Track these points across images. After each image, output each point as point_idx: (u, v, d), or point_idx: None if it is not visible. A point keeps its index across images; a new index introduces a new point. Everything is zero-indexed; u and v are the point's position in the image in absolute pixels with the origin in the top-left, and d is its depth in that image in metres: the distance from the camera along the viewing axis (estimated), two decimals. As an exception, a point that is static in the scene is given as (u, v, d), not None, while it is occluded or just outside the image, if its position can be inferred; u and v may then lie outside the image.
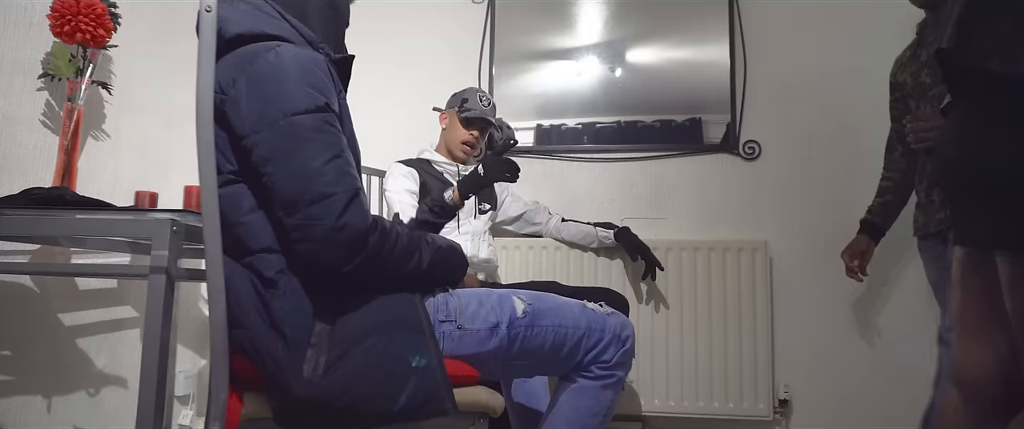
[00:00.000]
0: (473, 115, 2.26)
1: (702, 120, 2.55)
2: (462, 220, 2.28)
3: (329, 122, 1.06)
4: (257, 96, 1.03)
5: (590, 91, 2.57)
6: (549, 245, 2.54)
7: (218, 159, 1.05)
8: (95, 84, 2.14)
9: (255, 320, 1.04)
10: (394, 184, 2.21)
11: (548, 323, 1.24)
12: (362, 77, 2.85)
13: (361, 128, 2.75)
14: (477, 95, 2.30)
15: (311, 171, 1.02)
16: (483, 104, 2.29)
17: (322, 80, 1.08)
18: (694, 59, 2.56)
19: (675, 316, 2.47)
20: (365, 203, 1.06)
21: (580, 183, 2.68)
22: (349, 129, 1.15)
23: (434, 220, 1.88)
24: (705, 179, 2.60)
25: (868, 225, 2.14)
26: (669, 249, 2.49)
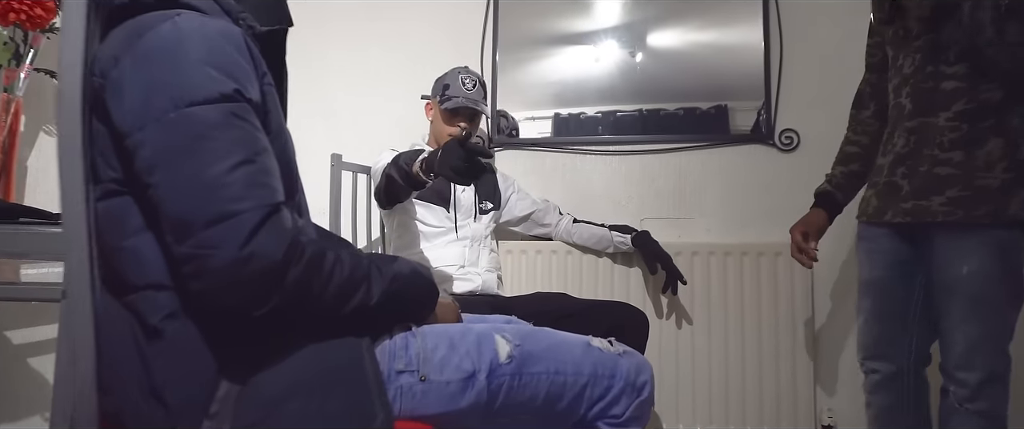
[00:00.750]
0: (455, 105, 1.98)
1: (729, 108, 2.31)
2: (460, 223, 2.02)
3: (239, 115, 0.79)
4: (143, 80, 0.77)
5: (609, 78, 2.34)
6: (559, 249, 2.26)
7: (97, 163, 0.80)
8: (40, 72, 1.91)
9: (127, 383, 0.78)
10: (384, 161, 1.89)
11: (541, 369, 0.96)
12: (349, 67, 2.60)
13: (348, 122, 2.53)
14: (459, 78, 2.01)
15: (209, 181, 0.75)
16: (467, 88, 2.00)
17: (233, 60, 0.81)
18: (721, 42, 2.31)
19: (702, 331, 2.18)
20: (287, 222, 0.79)
21: (595, 178, 2.40)
22: (276, 123, 0.88)
23: (398, 180, 1.64)
24: (736, 173, 2.30)
25: (826, 198, 1.74)
26: (695, 253, 2.20)
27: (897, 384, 1.59)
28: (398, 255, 1.39)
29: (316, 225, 1.09)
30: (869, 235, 1.62)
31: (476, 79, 2.04)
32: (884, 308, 1.59)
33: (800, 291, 2.12)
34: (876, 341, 1.60)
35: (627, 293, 2.21)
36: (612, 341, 1.06)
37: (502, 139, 2.44)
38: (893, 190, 1.53)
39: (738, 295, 2.16)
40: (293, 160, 0.92)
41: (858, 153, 1.72)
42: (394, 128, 2.38)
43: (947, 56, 1.47)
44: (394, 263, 0.94)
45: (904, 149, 1.52)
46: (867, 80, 1.73)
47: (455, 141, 1.43)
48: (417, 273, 0.97)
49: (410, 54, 2.50)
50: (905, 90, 1.54)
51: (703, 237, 2.29)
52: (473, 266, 2.00)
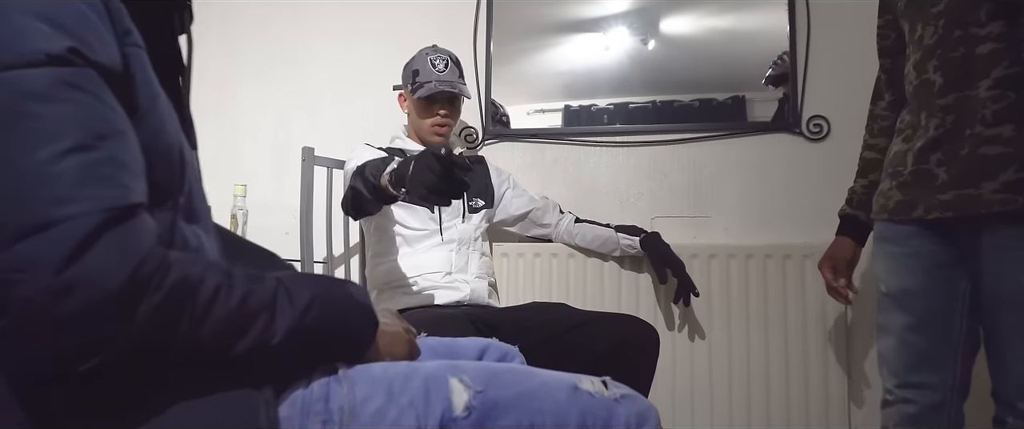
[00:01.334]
0: (429, 92, 1.75)
1: (746, 99, 2.10)
2: (445, 224, 1.79)
3: (77, 83, 0.57)
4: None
5: (620, 67, 2.14)
6: (560, 252, 2.02)
7: None
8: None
9: None
10: (361, 157, 1.68)
11: (511, 423, 0.73)
12: (333, 57, 2.35)
13: (326, 118, 2.30)
14: (429, 61, 1.78)
15: (25, 173, 0.53)
16: (439, 70, 1.77)
17: (74, 9, 0.59)
18: (739, 28, 2.09)
19: (721, 345, 1.93)
20: (141, 234, 0.57)
21: (600, 173, 2.16)
22: (147, 96, 0.66)
23: (365, 193, 1.42)
24: (758, 166, 2.05)
25: (849, 222, 1.51)
26: (713, 256, 1.95)
27: (935, 418, 1.31)
28: (330, 275, 1.16)
29: (236, 236, 0.87)
30: (893, 235, 1.35)
31: (447, 57, 1.81)
32: (923, 325, 1.31)
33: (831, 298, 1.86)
34: (913, 366, 1.33)
35: (636, 302, 1.97)
36: (606, 382, 0.83)
37: (497, 129, 2.21)
38: (925, 180, 1.27)
39: (761, 303, 1.92)
40: (176, 146, 0.69)
41: (877, 160, 1.47)
42: (380, 121, 2.16)
43: (977, 15, 1.22)
44: (314, 285, 0.71)
45: (938, 131, 1.25)
46: (881, 67, 1.49)
47: (429, 153, 1.17)
48: (348, 297, 0.74)
49: (395, 40, 2.28)
50: (931, 63, 1.28)
51: (721, 238, 2.04)
52: (461, 272, 1.77)
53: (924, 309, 1.31)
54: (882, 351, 1.38)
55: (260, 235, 2.26)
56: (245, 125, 2.40)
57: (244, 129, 2.40)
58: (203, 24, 2.38)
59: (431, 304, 1.69)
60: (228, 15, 2.44)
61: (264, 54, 2.41)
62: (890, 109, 1.46)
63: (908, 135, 1.33)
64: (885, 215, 1.35)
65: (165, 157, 0.66)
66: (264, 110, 2.39)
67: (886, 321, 1.37)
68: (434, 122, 1.79)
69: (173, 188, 0.68)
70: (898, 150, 1.35)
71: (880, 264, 1.39)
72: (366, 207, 1.52)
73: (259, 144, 2.38)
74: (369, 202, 1.46)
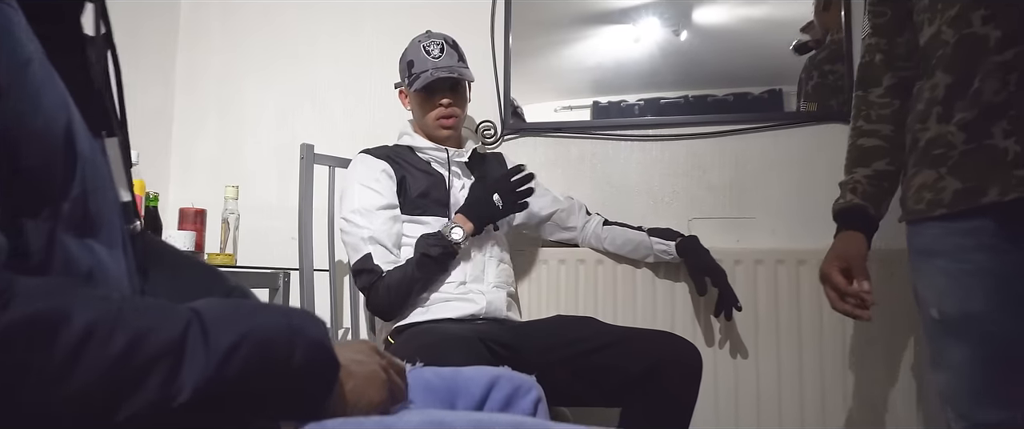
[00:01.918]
0: (426, 81, 1.58)
1: (783, 92, 1.93)
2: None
3: None
4: None
5: (650, 60, 1.98)
6: (587, 258, 1.82)
7: None
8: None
9: None
10: (361, 199, 1.53)
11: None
12: (339, 52, 2.18)
13: (333, 115, 2.05)
14: (421, 47, 1.62)
15: None
16: (434, 56, 1.60)
17: None
18: (776, 16, 1.91)
19: (769, 361, 1.72)
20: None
21: (631, 170, 1.96)
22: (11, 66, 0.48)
23: (435, 270, 1.49)
24: (808, 160, 1.84)
25: (856, 214, 1.26)
26: (759, 262, 1.74)
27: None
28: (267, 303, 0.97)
29: (172, 250, 0.69)
30: (944, 245, 1.11)
31: (442, 41, 1.63)
32: (995, 354, 1.07)
33: (899, 308, 1.63)
34: (985, 403, 1.09)
35: (672, 314, 1.77)
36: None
37: (517, 124, 2.02)
38: (990, 157, 1.04)
39: (815, 315, 1.70)
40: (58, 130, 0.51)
41: (880, 147, 1.25)
42: (385, 117, 2.00)
43: None
44: (245, 319, 0.52)
45: (1000, 96, 1.03)
46: (875, 47, 1.27)
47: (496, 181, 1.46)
48: (294, 331, 0.55)
49: (406, 32, 2.10)
50: (978, 14, 1.06)
51: (768, 241, 1.83)
52: (477, 282, 1.58)
53: (993, 335, 1.07)
54: (941, 387, 1.15)
55: (262, 240, 2.14)
56: (248, 122, 2.25)
57: (247, 126, 2.25)
58: (205, 18, 2.23)
59: (443, 318, 1.50)
60: (230, 8, 2.29)
61: (267, 48, 2.25)
62: (890, 94, 1.25)
63: (945, 111, 1.10)
64: (941, 210, 1.10)
65: (37, 143, 0.48)
66: (267, 106, 2.24)
67: (943, 352, 1.13)
68: (438, 114, 1.60)
69: (53, 189, 0.50)
70: (937, 133, 1.11)
71: (927, 282, 1.15)
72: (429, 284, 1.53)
73: (261, 142, 2.23)
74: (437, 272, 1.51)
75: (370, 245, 1.48)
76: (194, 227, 1.75)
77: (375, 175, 1.57)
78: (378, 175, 1.57)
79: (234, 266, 1.60)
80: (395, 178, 1.58)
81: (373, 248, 1.48)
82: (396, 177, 1.58)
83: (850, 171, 1.29)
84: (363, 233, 1.49)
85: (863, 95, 1.29)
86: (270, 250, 2.01)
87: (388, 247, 1.50)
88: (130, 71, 2.08)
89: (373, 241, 1.48)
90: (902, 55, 1.23)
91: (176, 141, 2.30)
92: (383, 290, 1.45)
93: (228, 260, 1.58)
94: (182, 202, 1.91)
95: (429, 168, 1.64)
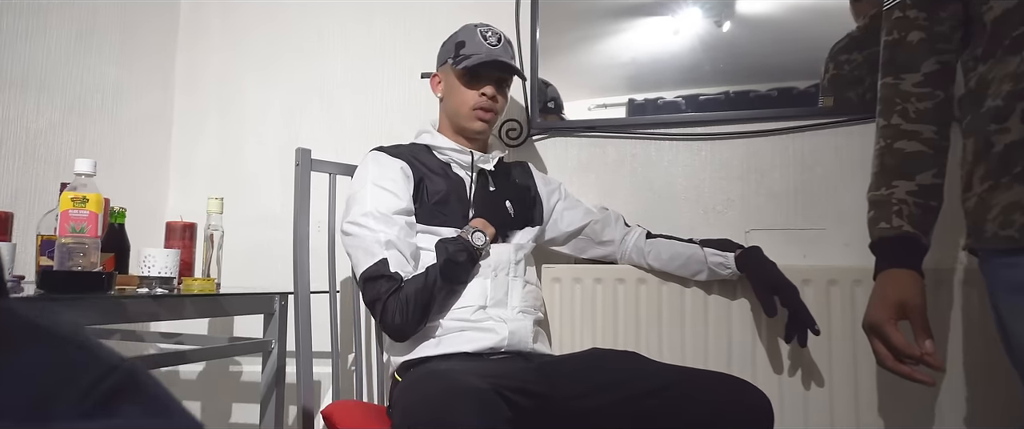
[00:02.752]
0: (478, 61, 1.37)
1: None
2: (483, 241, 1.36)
3: None
4: None
5: (691, 54, 1.78)
6: (627, 276, 1.58)
7: None
8: None
9: None
10: (374, 201, 1.32)
11: None
12: (351, 45, 1.96)
13: (343, 114, 1.83)
14: (478, 32, 1.43)
15: None
16: (490, 43, 1.41)
17: None
18: (826, 4, 1.69)
19: (845, 396, 1.45)
20: None
21: (676, 174, 1.71)
22: None
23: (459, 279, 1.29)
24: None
25: (909, 246, 1.04)
26: (832, 282, 1.47)
27: None
28: None
29: (54, 331, 0.48)
30: None
31: (500, 34, 1.45)
32: None
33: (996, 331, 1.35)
34: None
35: (728, 338, 1.51)
36: None
37: (547, 123, 1.78)
38: None
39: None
40: None
41: (924, 153, 1.03)
42: (398, 118, 1.79)
43: None
44: None
45: None
46: (911, 23, 1.03)
47: None
48: None
49: (419, 26, 1.93)
50: None
51: (841, 257, 1.56)
52: (499, 307, 1.34)
53: None
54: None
55: (265, 253, 1.90)
56: (249, 122, 2.06)
57: (248, 127, 2.06)
58: (204, 11, 2.04)
59: (457, 353, 1.27)
60: (231, 3, 2.10)
61: (271, 42, 2.06)
62: (931, 84, 1.02)
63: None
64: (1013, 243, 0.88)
65: None
66: (270, 106, 2.04)
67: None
68: (478, 103, 1.40)
69: None
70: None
71: None
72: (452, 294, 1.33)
73: (265, 144, 2.03)
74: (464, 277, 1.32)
75: (387, 250, 1.26)
76: (182, 244, 1.55)
77: (391, 175, 1.36)
78: (395, 175, 1.36)
79: (214, 293, 1.38)
80: (413, 180, 1.37)
81: (390, 253, 1.25)
82: (414, 178, 1.37)
83: (888, 183, 1.06)
84: (380, 237, 1.27)
85: (894, 83, 1.05)
86: (273, 264, 1.81)
87: (406, 256, 1.29)
88: (128, 73, 1.90)
89: (391, 246, 1.26)
90: (945, 34, 1.01)
91: (176, 145, 2.12)
92: (401, 302, 1.23)
93: (208, 286, 1.36)
94: (184, 211, 1.72)
95: (449, 171, 1.42)
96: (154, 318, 1.50)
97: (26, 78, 1.67)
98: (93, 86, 1.86)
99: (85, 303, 1.16)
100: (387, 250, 1.26)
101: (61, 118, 1.76)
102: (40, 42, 1.71)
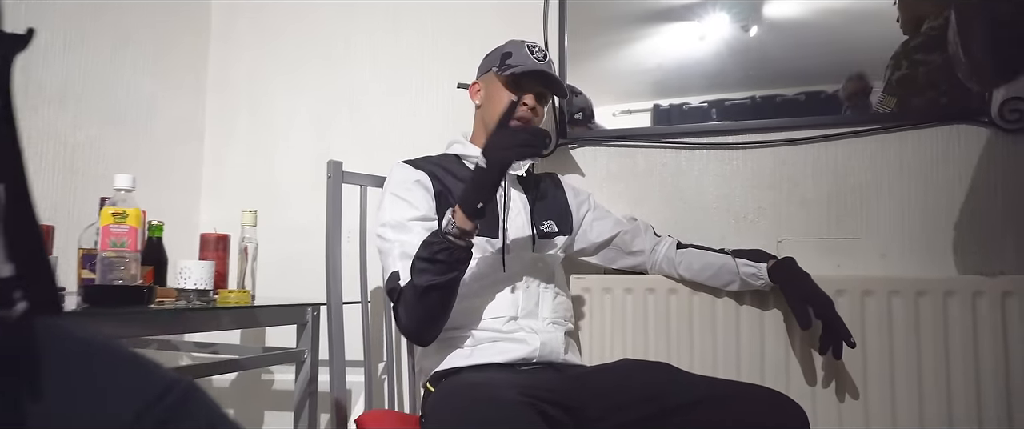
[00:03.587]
0: (526, 69, 1.39)
1: (872, 88, 1.65)
2: (510, 254, 1.37)
3: None
4: None
5: (717, 59, 1.77)
6: (658, 287, 1.57)
7: None
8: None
9: None
10: (392, 212, 1.34)
11: None
12: (379, 55, 1.97)
13: (371, 122, 1.84)
14: (525, 47, 1.44)
15: None
16: (537, 58, 1.42)
17: None
18: (856, 7, 1.66)
19: (881, 412, 1.43)
20: None
21: (707, 183, 1.70)
22: None
23: (436, 277, 1.17)
24: (928, 169, 1.54)
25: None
26: (867, 293, 1.45)
27: None
28: None
29: (105, 346, 0.49)
30: None
31: (546, 53, 1.47)
32: None
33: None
34: None
35: (760, 350, 1.50)
36: None
37: (576, 132, 1.78)
38: None
39: (940, 356, 1.40)
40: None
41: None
42: (428, 129, 1.80)
43: None
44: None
45: None
46: None
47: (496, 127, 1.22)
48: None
49: (448, 34, 1.94)
50: None
51: (877, 267, 1.54)
52: (529, 318, 1.35)
53: None
54: None
55: (295, 266, 1.93)
56: (279, 129, 2.09)
57: (278, 134, 2.09)
58: (235, 12, 2.08)
59: (488, 364, 1.27)
60: (261, 9, 2.14)
61: (299, 46, 2.09)
62: None
63: None
64: None
65: None
66: (297, 113, 2.08)
67: None
68: (519, 114, 1.39)
69: None
70: None
71: None
72: (451, 295, 1.25)
73: (295, 154, 2.06)
74: (455, 279, 1.22)
75: (400, 262, 1.27)
76: (216, 255, 1.57)
77: (407, 185, 1.37)
78: (410, 185, 1.36)
79: (249, 305, 1.40)
80: (432, 190, 1.37)
81: (403, 265, 1.26)
82: (433, 189, 1.38)
83: None
84: (394, 250, 1.28)
85: None
86: (303, 276, 1.83)
87: None
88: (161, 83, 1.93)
89: (404, 256, 1.26)
90: None
91: (208, 155, 2.16)
92: (401, 308, 1.24)
93: (243, 298, 1.38)
94: (217, 222, 1.75)
95: None
96: (193, 330, 1.52)
97: (65, 93, 1.71)
98: (128, 99, 1.90)
99: (127, 316, 1.18)
100: (400, 262, 1.27)
101: (98, 132, 1.80)
102: (77, 56, 1.75)
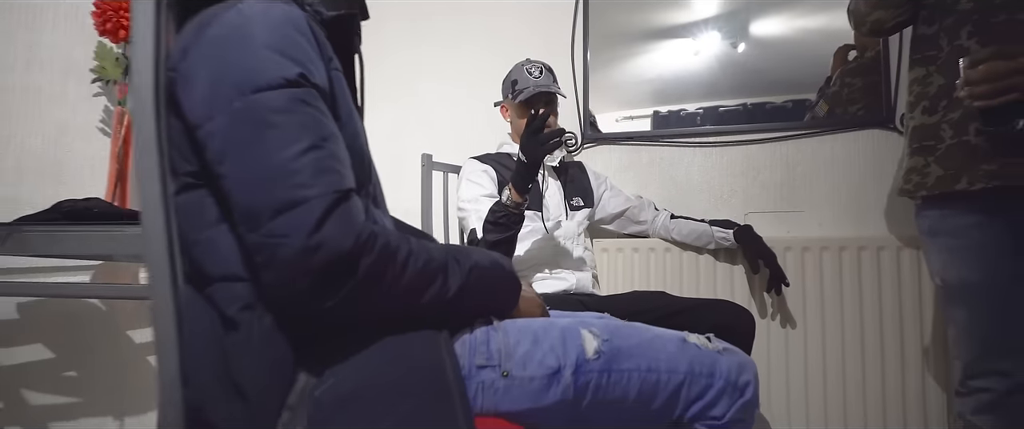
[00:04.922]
0: (528, 94, 1.94)
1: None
2: (550, 221, 1.96)
3: (306, 100, 0.77)
4: (209, 69, 0.76)
5: (710, 72, 2.22)
6: (657, 247, 2.16)
7: (173, 156, 0.80)
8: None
9: (207, 376, 0.77)
10: (467, 191, 1.91)
11: (632, 366, 0.89)
12: (442, 63, 2.65)
13: (441, 120, 2.56)
14: (524, 70, 1.98)
15: (276, 167, 0.73)
16: (534, 76, 1.96)
17: (297, 43, 0.79)
18: (832, 27, 2.11)
19: (815, 332, 2.01)
20: (357, 211, 0.76)
21: (694, 172, 2.28)
22: (345, 109, 0.86)
23: (500, 235, 1.63)
24: (851, 162, 2.12)
25: None
26: (806, 249, 2.04)
27: (1011, 403, 1.33)
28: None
29: (394, 218, 1.07)
30: (941, 218, 1.40)
31: (541, 66, 2.00)
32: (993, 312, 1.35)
33: (928, 290, 1.91)
34: (986, 353, 1.37)
35: (731, 292, 2.08)
36: (710, 337, 0.97)
37: (595, 134, 2.37)
38: (967, 150, 1.33)
39: (855, 293, 1.98)
40: (365, 148, 0.90)
41: None
42: (486, 128, 2.36)
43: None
44: (473, 255, 0.89)
45: None
46: None
47: (526, 133, 1.63)
48: (497, 265, 0.92)
49: (499, 52, 2.49)
50: None
51: (815, 231, 2.12)
52: (566, 264, 1.94)
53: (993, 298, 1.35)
54: (954, 337, 1.46)
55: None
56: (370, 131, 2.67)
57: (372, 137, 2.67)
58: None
59: (540, 293, 1.87)
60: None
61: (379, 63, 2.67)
62: None
63: None
64: (929, 189, 1.42)
65: (358, 156, 0.87)
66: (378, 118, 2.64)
67: (953, 312, 1.43)
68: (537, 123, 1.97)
69: (364, 180, 0.88)
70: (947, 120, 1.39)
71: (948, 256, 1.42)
72: (512, 237, 1.75)
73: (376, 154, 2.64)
74: (512, 237, 1.72)
75: (476, 222, 1.82)
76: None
77: (478, 173, 1.94)
78: (479, 175, 1.94)
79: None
80: (496, 179, 1.95)
81: (478, 225, 1.80)
82: (496, 178, 1.95)
83: None
84: (471, 215, 1.85)
85: None
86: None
87: None
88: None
89: (479, 219, 1.80)
90: None
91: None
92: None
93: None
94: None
95: None
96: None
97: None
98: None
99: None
100: (476, 222, 1.81)
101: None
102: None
